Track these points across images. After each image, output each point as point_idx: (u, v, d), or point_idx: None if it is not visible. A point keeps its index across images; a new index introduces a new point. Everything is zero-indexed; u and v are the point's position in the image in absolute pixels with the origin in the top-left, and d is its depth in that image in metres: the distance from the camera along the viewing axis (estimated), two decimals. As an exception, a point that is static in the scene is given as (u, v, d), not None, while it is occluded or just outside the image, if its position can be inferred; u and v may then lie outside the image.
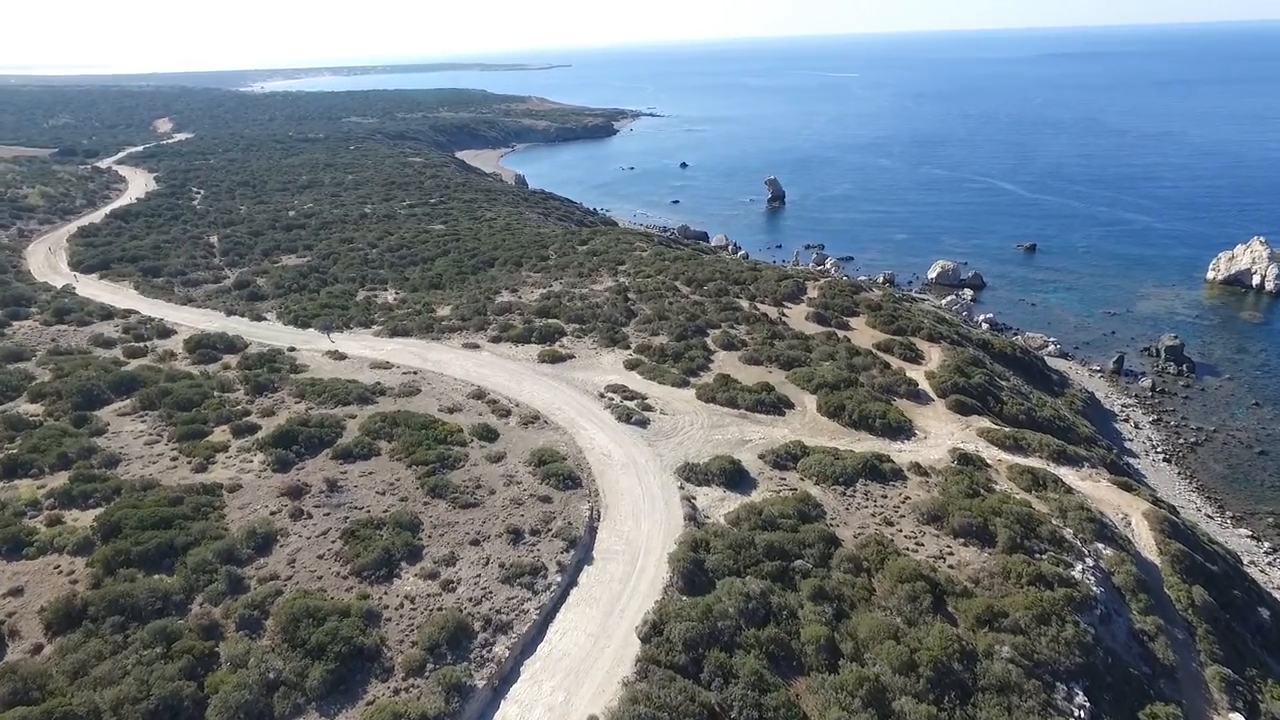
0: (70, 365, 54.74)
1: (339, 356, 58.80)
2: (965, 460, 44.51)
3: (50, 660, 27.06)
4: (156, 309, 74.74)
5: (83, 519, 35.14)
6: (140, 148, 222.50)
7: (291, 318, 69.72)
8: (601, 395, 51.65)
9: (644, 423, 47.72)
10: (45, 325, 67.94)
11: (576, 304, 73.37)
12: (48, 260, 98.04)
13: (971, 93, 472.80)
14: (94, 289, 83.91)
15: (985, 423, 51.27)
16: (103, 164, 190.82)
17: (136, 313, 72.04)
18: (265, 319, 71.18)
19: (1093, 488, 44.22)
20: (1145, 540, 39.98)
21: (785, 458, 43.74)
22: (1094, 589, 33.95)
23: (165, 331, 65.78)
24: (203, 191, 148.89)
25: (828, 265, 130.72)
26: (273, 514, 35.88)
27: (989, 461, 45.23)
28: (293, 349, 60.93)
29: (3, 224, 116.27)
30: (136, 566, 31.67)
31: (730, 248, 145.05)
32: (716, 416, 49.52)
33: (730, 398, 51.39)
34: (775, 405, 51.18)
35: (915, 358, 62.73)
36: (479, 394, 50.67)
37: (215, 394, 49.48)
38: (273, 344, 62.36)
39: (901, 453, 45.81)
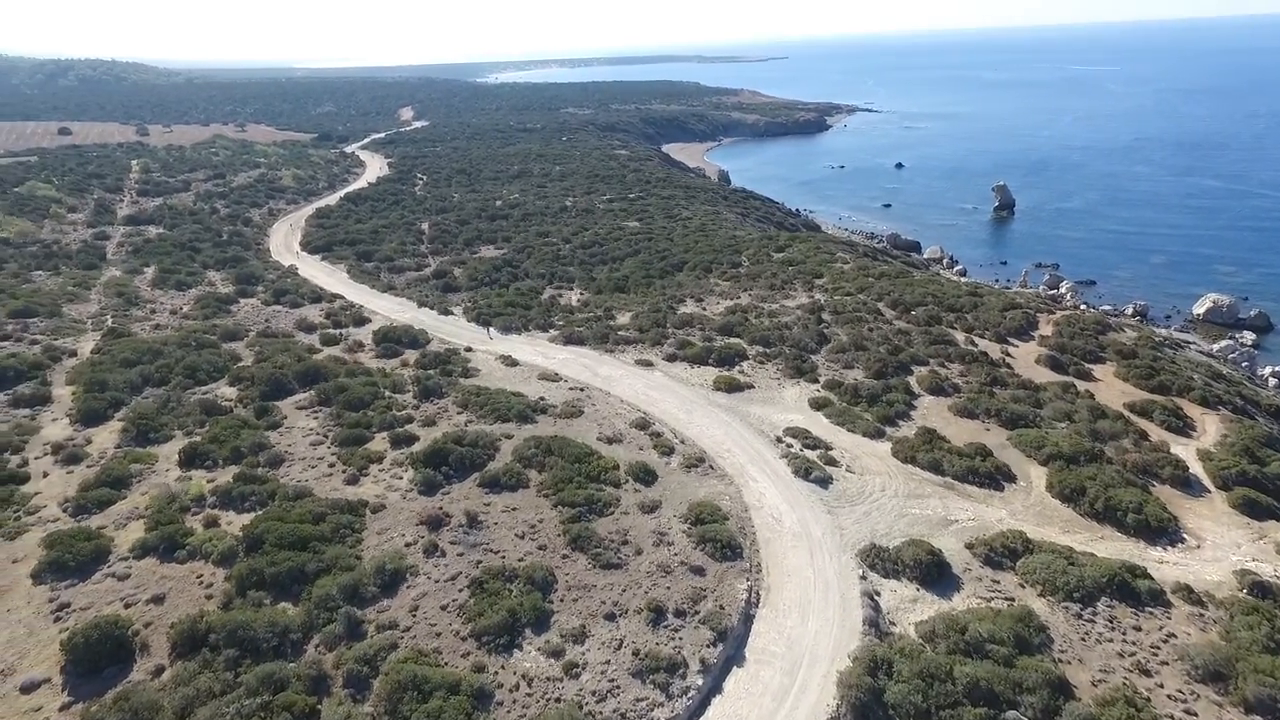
0: (271, 350, 57.44)
1: (510, 363, 57.13)
2: (1261, 590, 33.29)
3: (164, 689, 25.98)
4: (360, 294, 78.31)
5: (235, 523, 34.92)
6: (382, 134, 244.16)
7: (475, 314, 69.69)
8: (779, 440, 45.28)
9: (825, 481, 40.85)
10: (264, 305, 73.10)
11: (764, 322, 67.10)
12: (285, 239, 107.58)
13: (1262, 88, 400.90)
14: (314, 269, 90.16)
15: (1287, 534, 38.78)
16: (349, 149, 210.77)
17: (342, 298, 75.78)
18: (452, 313, 71.89)
19: None
20: None
21: (1001, 552, 35.10)
22: None
23: (361, 320, 68.12)
24: (425, 177, 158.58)
25: (1062, 290, 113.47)
26: (407, 545, 33.61)
27: (1296, 596, 33.56)
28: (469, 349, 60.29)
29: (259, 203, 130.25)
30: (268, 589, 30.45)
31: (945, 261, 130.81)
32: (915, 483, 41.45)
33: (934, 460, 42.97)
34: (991, 476, 42.06)
35: (1183, 429, 49.97)
36: (643, 423, 46.27)
37: (385, 394, 49.23)
38: (452, 342, 62.23)
39: (1163, 565, 35.37)
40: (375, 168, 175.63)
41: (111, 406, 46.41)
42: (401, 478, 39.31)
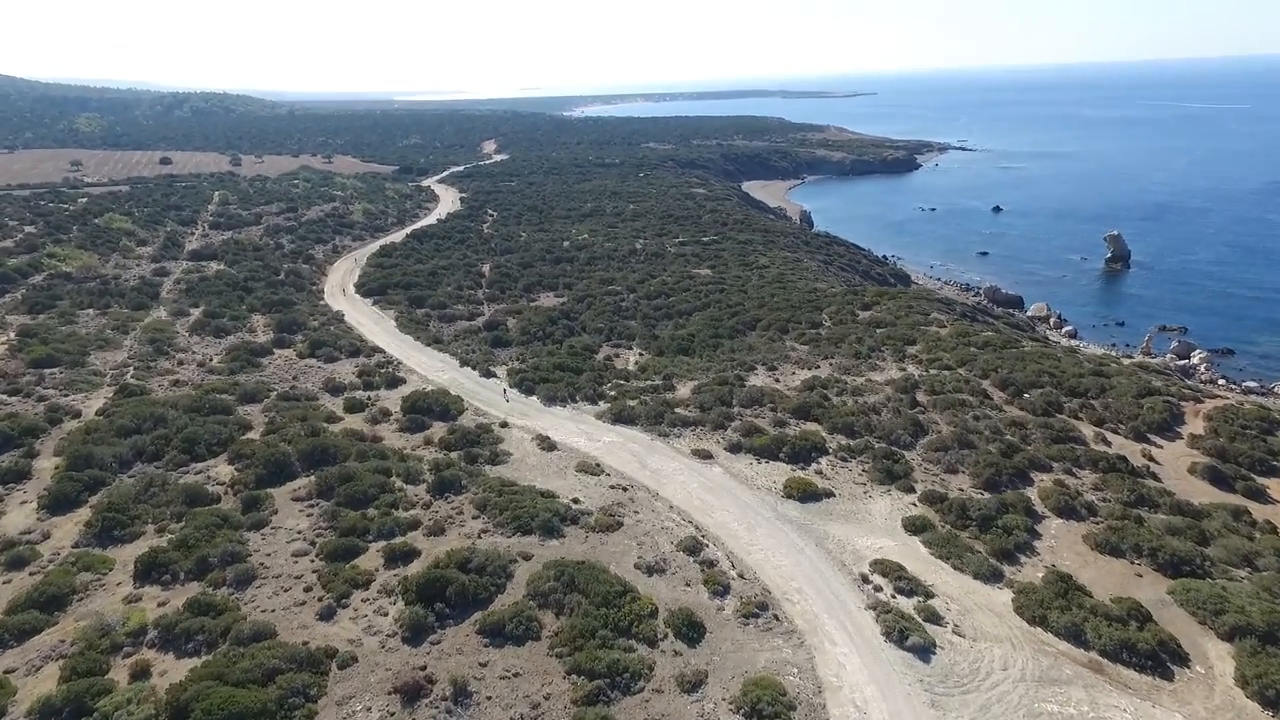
0: (285, 418, 51.56)
1: (548, 445, 49.42)
2: None
3: None
4: (403, 348, 72.62)
5: (170, 673, 27.99)
6: (461, 167, 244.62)
7: (518, 379, 62.51)
8: (865, 578, 35.82)
9: (926, 650, 31.19)
10: (298, 358, 68.06)
11: (847, 402, 57.60)
12: (343, 279, 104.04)
13: None
14: (363, 315, 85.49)
15: None
16: (425, 182, 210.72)
17: (381, 352, 70.20)
18: (494, 375, 65.01)
19: None
20: None
21: (1184, 796, 24.76)
22: None
23: (394, 381, 61.94)
24: (495, 214, 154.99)
25: (1194, 360, 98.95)
26: (370, 730, 25.86)
27: None
28: (505, 424, 53.05)
29: (325, 239, 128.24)
30: (177, 793, 23.13)
31: (1052, 321, 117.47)
32: (1048, 659, 31.28)
33: (1073, 624, 32.67)
34: (1154, 655, 31.43)
35: None
36: (693, 545, 37.55)
37: (396, 486, 42.18)
38: (487, 414, 55.15)
39: None
40: (448, 202, 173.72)
41: (88, 489, 40.88)
42: (387, 613, 31.77)
